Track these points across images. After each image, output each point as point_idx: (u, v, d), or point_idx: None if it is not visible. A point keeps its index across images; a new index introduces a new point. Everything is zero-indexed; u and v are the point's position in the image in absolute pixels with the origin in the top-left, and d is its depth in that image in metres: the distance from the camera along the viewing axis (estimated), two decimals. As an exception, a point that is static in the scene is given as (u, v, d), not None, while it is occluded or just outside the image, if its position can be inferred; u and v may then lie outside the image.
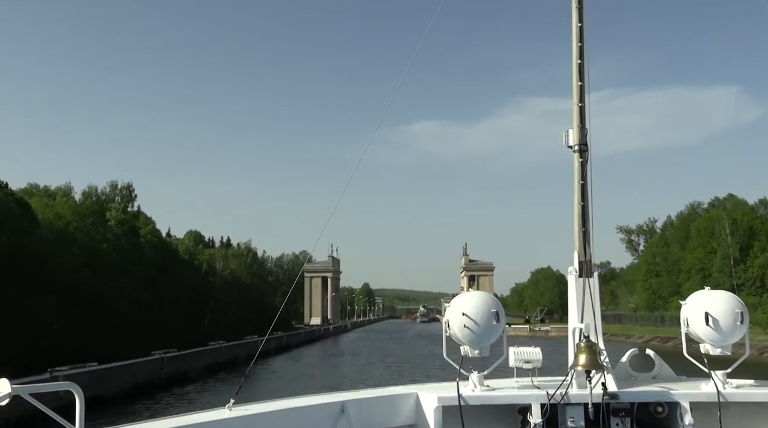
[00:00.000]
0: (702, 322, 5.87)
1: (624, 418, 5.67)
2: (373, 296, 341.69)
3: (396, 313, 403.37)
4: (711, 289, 6.23)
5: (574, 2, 6.69)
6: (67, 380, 4.56)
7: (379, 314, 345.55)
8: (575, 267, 6.41)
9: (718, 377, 5.87)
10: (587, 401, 5.58)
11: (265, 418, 5.17)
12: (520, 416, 5.84)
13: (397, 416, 5.85)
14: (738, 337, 5.93)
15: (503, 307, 5.90)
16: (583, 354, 5.59)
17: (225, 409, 5.11)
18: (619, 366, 6.35)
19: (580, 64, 6.67)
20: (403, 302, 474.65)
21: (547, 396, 5.60)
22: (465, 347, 5.83)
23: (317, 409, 5.56)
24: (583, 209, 6.56)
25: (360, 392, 6.27)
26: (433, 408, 5.64)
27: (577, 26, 6.69)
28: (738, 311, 5.84)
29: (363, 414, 5.66)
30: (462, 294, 6.05)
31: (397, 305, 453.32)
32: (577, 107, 6.67)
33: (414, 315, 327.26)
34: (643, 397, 5.79)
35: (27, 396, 3.54)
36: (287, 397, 5.97)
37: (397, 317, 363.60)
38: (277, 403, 5.55)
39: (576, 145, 6.65)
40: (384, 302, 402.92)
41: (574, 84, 6.67)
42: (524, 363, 5.83)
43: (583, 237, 6.49)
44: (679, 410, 5.69)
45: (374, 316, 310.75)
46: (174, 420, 4.79)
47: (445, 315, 5.97)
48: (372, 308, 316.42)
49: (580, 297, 6.23)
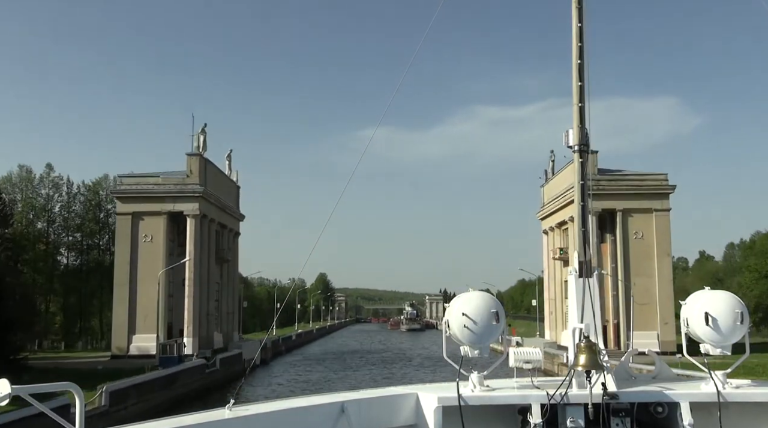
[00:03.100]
0: (702, 322, 5.78)
1: (624, 418, 5.59)
2: (332, 293, 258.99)
3: (363, 315, 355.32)
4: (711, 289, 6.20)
5: (573, 2, 6.49)
6: None
7: (341, 316, 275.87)
8: (575, 267, 6.32)
9: (718, 377, 5.79)
10: (587, 401, 5.50)
11: (264, 418, 5.12)
12: (520, 416, 5.76)
13: (397, 416, 5.78)
14: (738, 337, 5.85)
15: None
16: (583, 354, 5.46)
17: (225, 409, 5.00)
18: (619, 366, 6.22)
19: (580, 65, 6.48)
20: (369, 302, 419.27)
21: (547, 396, 5.51)
22: (465, 347, 5.75)
23: (317, 409, 5.50)
24: (583, 209, 6.53)
25: (360, 392, 6.19)
26: (433, 409, 5.58)
27: (576, 26, 6.49)
28: (738, 311, 5.76)
29: (363, 414, 5.57)
30: (462, 294, 5.92)
31: (364, 306, 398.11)
32: (576, 107, 6.47)
33: (394, 319, 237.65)
34: (643, 397, 5.72)
35: (27, 396, 3.55)
36: (287, 397, 6.31)
37: (364, 321, 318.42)
38: (277, 403, 5.54)
39: (576, 145, 6.46)
40: (347, 302, 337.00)
41: (573, 84, 6.49)
42: (524, 363, 5.78)
43: (582, 237, 6.46)
44: (679, 410, 5.62)
45: (335, 320, 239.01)
46: (174, 421, 4.80)
47: (444, 316, 5.88)
48: (331, 309, 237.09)
49: (580, 297, 6.11)
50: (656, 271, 67.47)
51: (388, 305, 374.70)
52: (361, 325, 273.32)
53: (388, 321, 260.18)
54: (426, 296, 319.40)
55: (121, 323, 66.97)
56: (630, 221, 68.75)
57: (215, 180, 76.73)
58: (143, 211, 68.32)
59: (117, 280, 68.18)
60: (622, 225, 68.54)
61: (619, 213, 68.84)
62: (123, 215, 68.93)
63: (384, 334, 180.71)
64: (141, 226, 68.34)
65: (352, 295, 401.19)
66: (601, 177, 69.60)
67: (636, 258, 68.10)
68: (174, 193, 68.83)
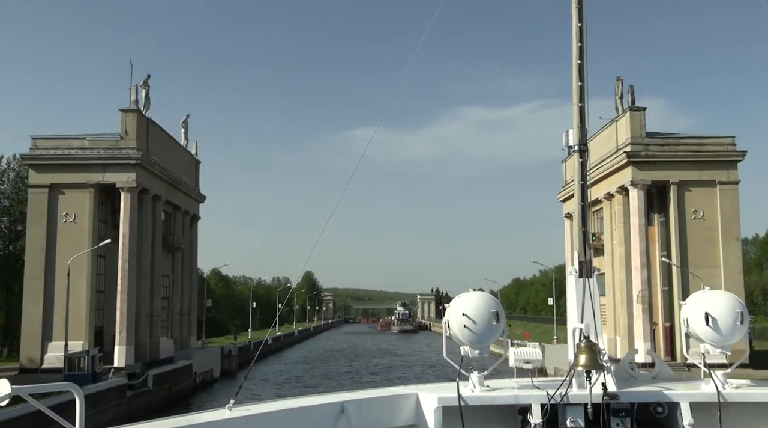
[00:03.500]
0: (702, 322, 5.83)
1: (624, 418, 5.60)
2: (319, 292, 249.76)
3: (352, 315, 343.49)
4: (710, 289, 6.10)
5: (574, 2, 6.49)
6: None
7: (329, 317, 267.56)
8: (575, 268, 6.28)
9: (718, 377, 5.80)
10: (587, 401, 5.50)
11: (265, 418, 5.12)
12: (520, 416, 5.76)
13: (397, 416, 5.78)
14: (738, 337, 5.90)
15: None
16: (583, 354, 5.48)
17: (225, 409, 5.03)
18: (619, 367, 6.25)
19: (580, 65, 6.49)
20: (358, 302, 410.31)
21: (547, 396, 5.52)
22: (465, 347, 5.79)
23: (317, 409, 5.49)
24: (583, 209, 6.48)
25: (360, 392, 6.16)
26: (433, 409, 5.59)
27: (576, 26, 6.48)
28: (738, 312, 5.80)
29: (363, 414, 5.56)
30: (462, 294, 5.97)
31: (353, 306, 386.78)
32: (577, 107, 6.49)
33: (385, 320, 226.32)
34: (643, 397, 5.74)
35: (27, 397, 3.58)
36: (287, 397, 6.20)
37: (353, 321, 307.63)
38: (277, 403, 5.53)
39: (576, 145, 6.49)
40: (336, 302, 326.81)
41: (573, 84, 6.49)
42: (524, 363, 5.78)
43: (583, 238, 6.40)
44: (679, 410, 5.64)
45: (322, 320, 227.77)
46: (174, 421, 4.80)
47: (444, 316, 5.91)
48: (318, 309, 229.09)
49: (580, 297, 6.10)
50: (721, 260, 52.69)
51: (378, 305, 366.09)
52: (350, 326, 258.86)
53: (378, 322, 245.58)
54: (417, 296, 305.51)
55: (33, 327, 51.49)
56: (687, 196, 53.80)
57: (164, 149, 61.28)
58: (64, 183, 52.55)
59: (28, 272, 52.45)
60: (677, 202, 53.72)
61: (673, 187, 53.81)
62: (37, 187, 52.98)
63: (374, 337, 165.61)
64: (61, 202, 52.64)
65: (342, 295, 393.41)
66: (650, 141, 54.83)
67: (695, 244, 53.17)
68: (104, 159, 53.28)
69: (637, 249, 53.41)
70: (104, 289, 54.53)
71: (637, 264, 53.54)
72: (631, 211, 54.45)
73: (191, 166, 71.33)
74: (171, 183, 62.09)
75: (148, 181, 56.19)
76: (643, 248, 53.38)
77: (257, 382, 59.87)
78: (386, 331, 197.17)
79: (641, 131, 54.28)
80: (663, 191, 55.00)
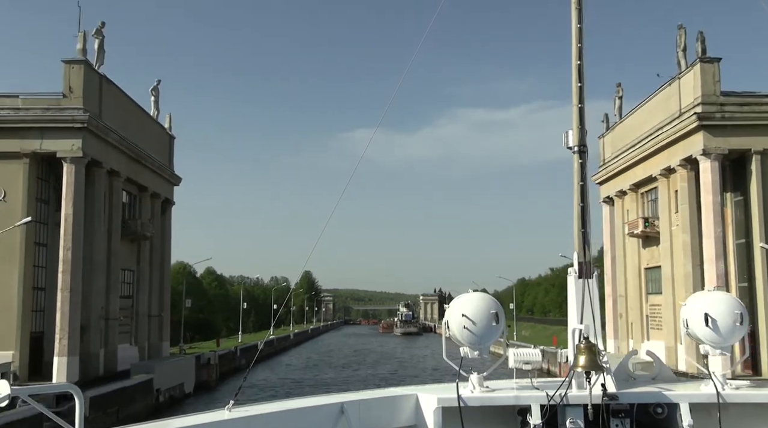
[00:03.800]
0: (701, 323, 5.77)
1: (624, 419, 5.54)
2: (319, 293, 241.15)
3: (352, 316, 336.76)
4: (711, 290, 6.01)
5: (573, 3, 6.49)
6: None
7: (329, 318, 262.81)
8: (575, 268, 6.21)
9: (718, 378, 5.74)
10: (587, 402, 5.43)
11: (264, 419, 5.08)
12: (519, 417, 5.71)
13: (396, 417, 5.74)
14: (737, 338, 5.83)
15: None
16: (583, 355, 5.45)
17: (225, 410, 4.97)
18: (619, 367, 6.16)
19: (579, 65, 6.46)
20: (359, 303, 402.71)
21: (546, 397, 5.47)
22: (465, 348, 5.74)
23: (317, 410, 5.46)
24: (583, 210, 6.42)
25: (360, 393, 6.13)
26: (433, 410, 5.55)
27: (576, 27, 6.47)
28: (737, 312, 5.74)
29: (363, 415, 5.51)
30: (461, 295, 5.92)
31: (353, 307, 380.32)
32: (576, 108, 6.46)
33: (387, 321, 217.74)
34: (642, 398, 5.68)
35: (26, 398, 3.51)
36: (287, 398, 6.21)
37: (354, 323, 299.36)
38: (276, 404, 5.49)
39: (575, 146, 6.44)
40: (336, 303, 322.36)
41: (573, 85, 6.48)
42: (524, 364, 5.74)
43: (582, 238, 6.33)
44: (679, 411, 5.57)
45: (321, 322, 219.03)
46: (174, 421, 4.75)
47: (444, 317, 5.86)
48: (317, 310, 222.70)
49: (580, 298, 6.04)
50: (818, 249, 41.88)
51: (379, 306, 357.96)
52: (350, 327, 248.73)
53: (380, 324, 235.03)
54: (420, 296, 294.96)
55: (-50, 332, 40.82)
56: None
57: (125, 115, 50.30)
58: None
59: (-56, 263, 41.89)
60: (761, 176, 42.89)
61: (756, 157, 42.89)
62: (-44, 157, 42.47)
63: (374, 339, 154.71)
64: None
65: (342, 296, 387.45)
66: (726, 100, 43.92)
67: (784, 229, 42.54)
68: (42, 121, 42.46)
69: (711, 235, 42.39)
70: (45, 286, 43.75)
71: (711, 255, 42.53)
72: (702, 187, 43.50)
73: (163, 141, 60.32)
74: (134, 158, 51.17)
75: (101, 151, 45.28)
76: (719, 233, 42.48)
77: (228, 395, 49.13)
78: (388, 333, 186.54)
79: (715, 88, 43.37)
80: (739, 164, 44.12)
